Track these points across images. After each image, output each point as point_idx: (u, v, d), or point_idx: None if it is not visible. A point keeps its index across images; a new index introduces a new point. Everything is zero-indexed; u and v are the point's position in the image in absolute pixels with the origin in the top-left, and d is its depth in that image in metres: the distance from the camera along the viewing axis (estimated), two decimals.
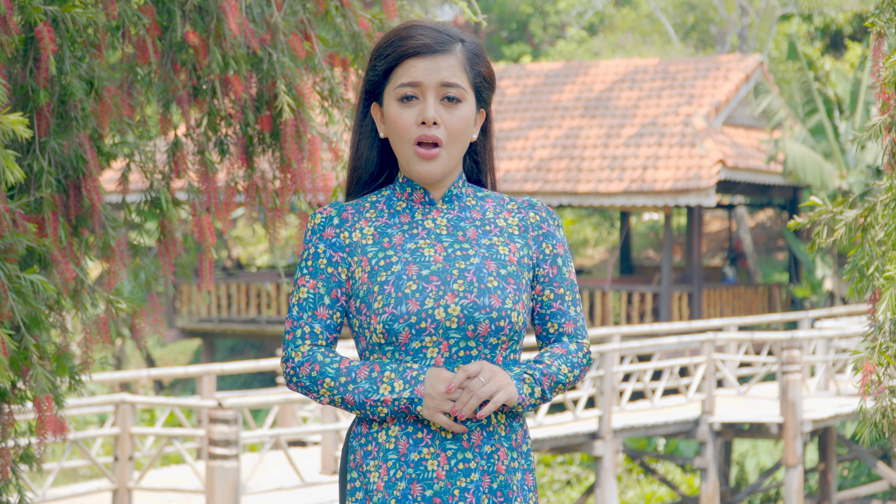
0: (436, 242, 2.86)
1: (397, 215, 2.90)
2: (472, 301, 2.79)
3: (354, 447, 2.85)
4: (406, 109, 2.82)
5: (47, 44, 4.49)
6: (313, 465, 12.61)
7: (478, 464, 2.79)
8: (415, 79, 2.81)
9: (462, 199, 2.93)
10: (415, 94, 2.82)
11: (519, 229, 2.92)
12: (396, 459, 2.79)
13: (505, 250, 2.88)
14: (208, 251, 5.41)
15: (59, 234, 4.84)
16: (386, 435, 2.80)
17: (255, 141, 5.53)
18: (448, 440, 2.78)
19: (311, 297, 2.85)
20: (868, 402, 4.32)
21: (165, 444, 11.22)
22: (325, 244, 2.87)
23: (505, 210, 2.94)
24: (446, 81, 2.82)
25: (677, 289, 22.82)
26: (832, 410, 15.82)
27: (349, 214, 2.90)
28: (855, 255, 4.40)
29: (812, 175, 21.97)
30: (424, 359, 2.79)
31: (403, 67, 2.83)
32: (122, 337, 27.76)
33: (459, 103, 2.84)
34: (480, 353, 2.81)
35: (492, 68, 2.92)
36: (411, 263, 2.82)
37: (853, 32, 32.46)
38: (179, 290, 25.75)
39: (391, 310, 2.78)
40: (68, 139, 4.89)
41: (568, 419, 14.43)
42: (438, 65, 2.82)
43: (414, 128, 2.81)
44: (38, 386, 4.61)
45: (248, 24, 5.20)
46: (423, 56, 2.82)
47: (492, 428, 2.82)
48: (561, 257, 2.94)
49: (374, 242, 2.86)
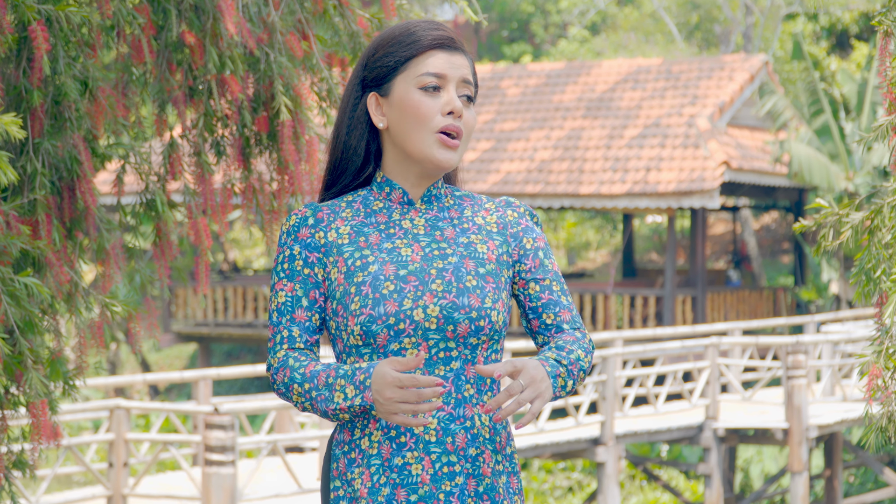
0: (413, 242, 2.86)
1: (374, 215, 2.90)
2: (451, 301, 2.79)
3: (337, 455, 2.84)
4: (430, 98, 2.83)
5: (41, 43, 4.49)
6: (311, 471, 12.60)
7: (462, 467, 2.79)
8: (440, 70, 2.84)
9: (440, 200, 2.93)
10: (439, 84, 2.84)
11: (497, 227, 2.93)
12: (380, 465, 2.78)
13: (483, 248, 2.88)
14: (205, 254, 5.41)
15: (54, 236, 4.84)
16: (369, 441, 2.79)
17: (252, 142, 5.53)
18: (432, 443, 2.77)
19: (288, 301, 2.85)
20: (874, 407, 4.32)
21: (161, 451, 11.22)
22: (301, 245, 2.86)
23: (483, 209, 2.95)
24: (466, 79, 2.87)
25: (681, 292, 22.82)
26: (838, 416, 15.81)
27: (324, 214, 2.89)
28: (861, 258, 4.40)
29: (818, 177, 21.97)
30: None
31: (425, 58, 2.84)
32: (116, 341, 27.75)
33: (471, 103, 2.88)
34: (461, 353, 2.80)
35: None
36: (388, 263, 2.82)
37: (859, 32, 32.48)
38: (175, 294, 25.75)
39: (368, 311, 2.77)
40: (62, 140, 4.90)
41: (570, 425, 14.43)
42: (460, 62, 2.87)
43: (438, 117, 2.83)
44: (32, 391, 4.61)
45: (244, 24, 5.21)
46: (445, 50, 2.85)
47: (476, 430, 2.81)
48: (542, 250, 2.93)
49: (349, 242, 2.86)
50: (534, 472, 22.27)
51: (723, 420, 15.68)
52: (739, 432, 15.86)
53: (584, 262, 34.12)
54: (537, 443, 14.02)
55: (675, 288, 22.67)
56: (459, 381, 2.81)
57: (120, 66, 5.36)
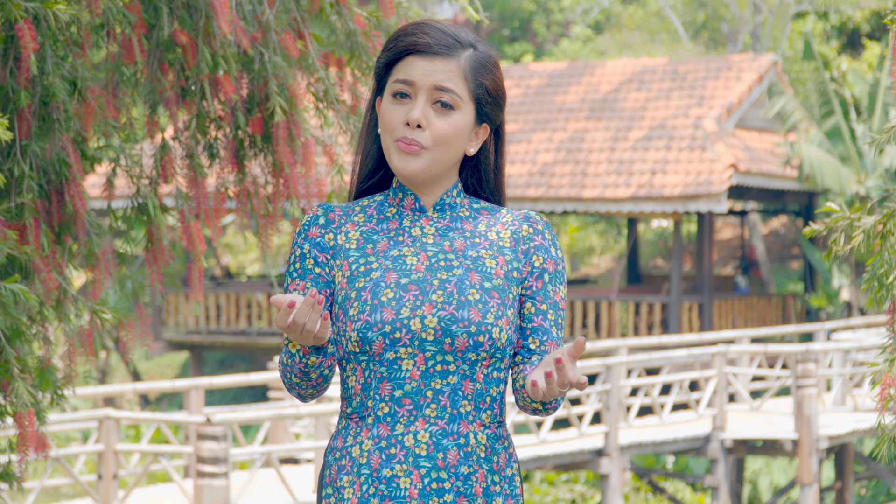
0: (420, 251, 2.86)
1: (385, 221, 2.91)
2: (450, 313, 2.79)
3: (330, 462, 2.87)
4: (397, 106, 2.84)
5: (28, 42, 4.50)
6: (306, 483, 12.60)
7: (452, 484, 2.79)
8: (410, 77, 2.84)
9: (455, 209, 2.93)
10: (408, 92, 2.84)
11: (510, 242, 2.91)
12: (369, 475, 2.79)
13: (492, 263, 2.87)
14: (198, 260, 5.41)
15: (42, 241, 4.84)
16: (360, 449, 2.81)
17: (247, 144, 5.53)
18: (422, 458, 2.78)
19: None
20: (887, 417, 4.32)
21: (151, 462, 11.22)
22: (311, 244, 2.89)
23: (499, 223, 2.94)
24: (440, 85, 2.83)
25: (687, 299, 22.83)
26: (849, 426, 15.82)
27: (336, 216, 2.91)
28: (874, 264, 4.41)
29: (828, 180, 22.00)
30: (399, 371, 2.79)
31: (403, 64, 2.85)
32: (106, 349, 27.76)
33: (452, 110, 2.84)
34: (458, 368, 2.80)
35: (500, 83, 2.91)
36: (391, 271, 2.83)
37: (871, 31, 32.51)
38: (166, 301, 25.76)
39: (365, 317, 2.79)
40: (51, 142, 4.90)
41: (573, 435, 14.42)
42: (436, 67, 2.84)
43: (400, 126, 2.84)
44: (19, 401, 4.61)
45: (238, 22, 5.21)
46: (422, 55, 2.84)
47: (470, 448, 2.81)
48: (549, 274, 2.91)
49: (357, 247, 2.88)
50: (536, 484, 22.26)
51: (730, 431, 15.68)
52: (747, 443, 15.86)
53: (587, 267, 34.13)
54: (539, 454, 14.03)
55: (681, 294, 22.67)
56: (456, 396, 2.81)
57: (110, 66, 5.36)
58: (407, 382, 2.79)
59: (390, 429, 2.79)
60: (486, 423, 2.84)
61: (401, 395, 2.80)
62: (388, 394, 2.80)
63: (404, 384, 2.79)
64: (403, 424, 2.79)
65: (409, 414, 2.79)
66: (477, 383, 2.82)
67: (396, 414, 2.80)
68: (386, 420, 2.80)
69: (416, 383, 2.79)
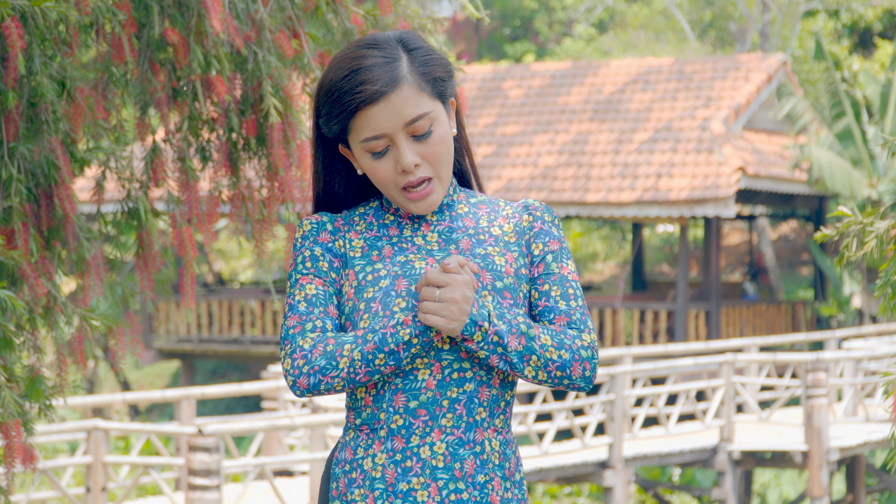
0: (427, 256, 2.86)
1: (386, 228, 2.91)
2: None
3: (337, 475, 2.85)
4: (381, 162, 2.81)
5: (15, 41, 4.50)
6: (301, 495, 12.60)
7: (470, 494, 2.80)
8: (378, 131, 2.79)
9: (453, 208, 2.93)
10: (385, 144, 2.80)
11: (514, 236, 2.91)
12: (384, 489, 2.78)
13: (501, 261, 2.87)
14: (189, 266, 5.41)
15: (30, 246, 4.85)
16: (372, 462, 2.80)
17: (240, 147, 5.53)
18: (439, 469, 2.78)
19: (320, 294, 2.83)
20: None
21: (141, 474, 11.22)
22: (322, 248, 2.87)
23: (500, 217, 2.94)
24: (409, 119, 2.79)
25: (694, 306, 22.83)
26: (861, 437, 15.82)
27: (340, 224, 2.91)
28: (887, 270, 4.41)
29: (839, 183, 22.01)
30: (415, 381, 2.79)
31: (360, 119, 2.79)
32: (95, 358, 27.75)
33: (430, 129, 2.82)
34: (476, 374, 2.80)
35: (442, 59, 2.86)
36: (401, 277, 2.82)
37: (883, 30, 32.54)
38: (157, 308, 25.75)
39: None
40: (39, 144, 4.90)
41: (576, 447, 14.42)
42: (394, 105, 2.78)
43: (397, 177, 2.81)
44: (6, 411, 4.61)
45: (231, 21, 5.21)
46: (375, 103, 2.78)
47: (485, 456, 2.81)
48: (553, 253, 2.90)
49: (362, 255, 2.86)
50: (538, 497, 22.26)
51: (738, 442, 15.68)
52: (756, 455, 15.86)
53: (591, 274, 34.13)
54: (541, 466, 14.02)
55: (687, 302, 22.68)
56: (472, 403, 2.81)
57: (99, 66, 5.37)
58: (423, 393, 2.79)
59: (405, 441, 2.79)
60: (499, 428, 2.85)
61: (416, 406, 2.79)
62: (403, 405, 2.79)
63: (419, 395, 2.79)
64: (419, 436, 2.79)
65: (424, 425, 2.79)
66: (493, 389, 2.83)
67: (412, 426, 2.79)
68: (400, 433, 2.79)
69: (432, 393, 2.79)
